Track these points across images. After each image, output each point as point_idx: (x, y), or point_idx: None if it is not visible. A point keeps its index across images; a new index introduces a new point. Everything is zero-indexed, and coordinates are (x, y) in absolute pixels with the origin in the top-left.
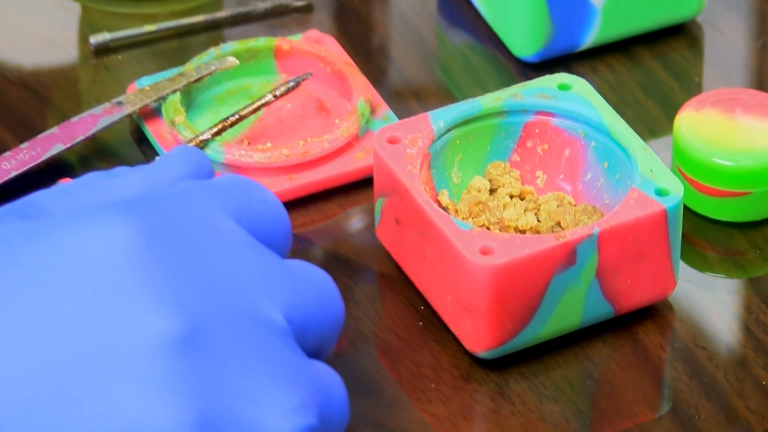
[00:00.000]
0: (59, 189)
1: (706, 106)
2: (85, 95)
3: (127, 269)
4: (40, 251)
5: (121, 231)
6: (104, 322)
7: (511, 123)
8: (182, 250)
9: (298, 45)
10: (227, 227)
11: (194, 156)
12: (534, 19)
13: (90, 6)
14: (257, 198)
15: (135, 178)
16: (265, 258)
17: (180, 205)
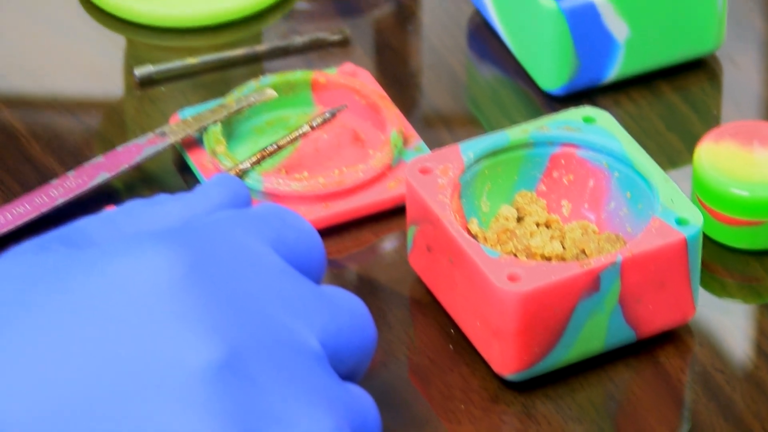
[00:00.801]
0: (103, 216)
1: (724, 139)
2: (130, 125)
3: (170, 298)
4: (87, 280)
5: (163, 261)
6: (148, 349)
7: (538, 154)
8: (222, 278)
9: (334, 78)
10: (265, 255)
11: (232, 184)
12: (560, 54)
13: (135, 39)
14: (293, 226)
15: (176, 206)
16: (301, 285)
17: (220, 235)
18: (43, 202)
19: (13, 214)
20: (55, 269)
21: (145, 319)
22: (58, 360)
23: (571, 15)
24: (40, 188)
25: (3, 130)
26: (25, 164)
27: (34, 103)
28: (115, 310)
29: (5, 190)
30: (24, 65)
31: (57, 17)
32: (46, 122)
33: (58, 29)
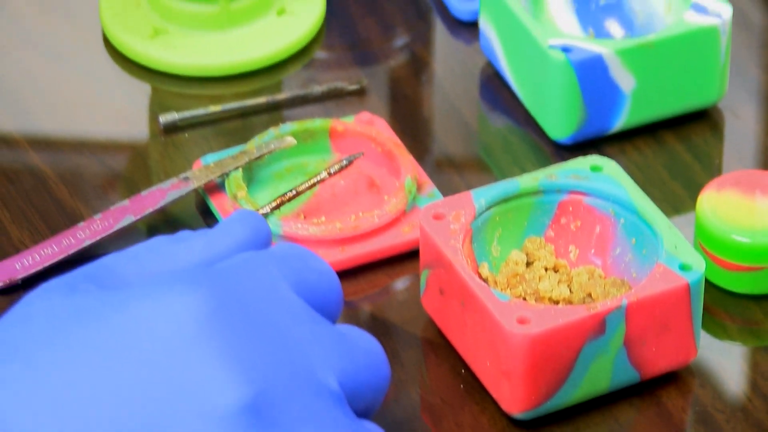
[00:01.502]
0: (129, 253)
1: (726, 187)
2: (155, 170)
3: (196, 339)
4: (114, 321)
5: (188, 303)
6: (176, 389)
7: (547, 201)
8: (246, 318)
9: (351, 126)
10: (286, 296)
11: (253, 220)
12: (568, 104)
13: (160, 87)
14: (313, 267)
15: (198, 243)
16: (321, 326)
17: (243, 276)
18: (71, 243)
19: (42, 255)
20: (82, 309)
21: (171, 360)
22: (86, 399)
23: (580, 67)
24: (67, 230)
25: (32, 173)
26: (53, 206)
27: (63, 147)
28: (142, 351)
29: (34, 232)
30: (53, 110)
31: (85, 64)
32: (74, 166)
33: (86, 76)
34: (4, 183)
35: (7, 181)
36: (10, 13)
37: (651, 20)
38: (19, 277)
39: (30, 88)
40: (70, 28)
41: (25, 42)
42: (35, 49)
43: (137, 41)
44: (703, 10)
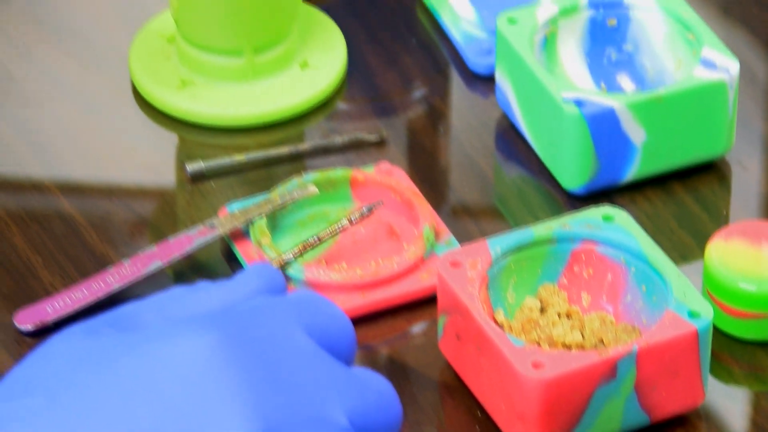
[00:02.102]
0: (150, 301)
1: (733, 237)
2: (182, 217)
3: (211, 377)
4: (132, 361)
5: (204, 343)
6: (190, 425)
7: (560, 250)
8: (259, 359)
9: (371, 176)
10: (299, 339)
11: (268, 272)
12: (581, 156)
13: (187, 137)
14: (326, 312)
15: (217, 292)
16: (332, 366)
17: (258, 319)
18: (100, 287)
19: (72, 298)
20: (102, 351)
21: (186, 397)
22: None
23: (592, 120)
24: (97, 275)
25: (63, 219)
26: (84, 252)
27: (93, 194)
28: (159, 389)
29: (65, 276)
30: (84, 158)
31: (115, 115)
32: (104, 212)
33: (115, 126)
34: (36, 229)
35: (40, 227)
36: (44, 66)
37: (661, 75)
38: (50, 319)
39: (62, 137)
40: (100, 79)
41: (57, 93)
42: (67, 99)
43: (165, 92)
44: (711, 65)
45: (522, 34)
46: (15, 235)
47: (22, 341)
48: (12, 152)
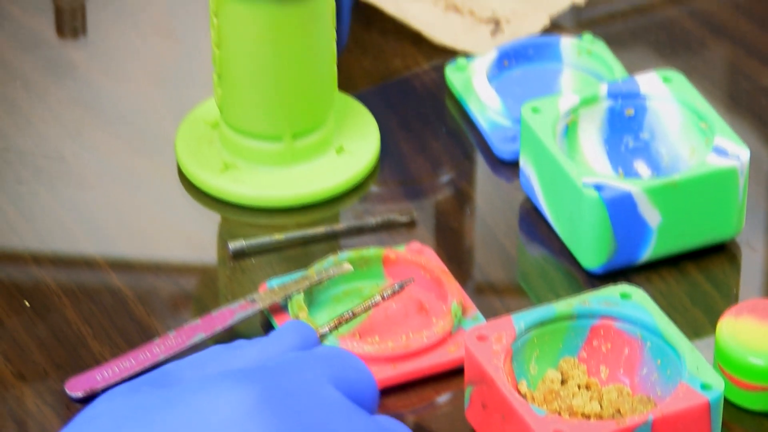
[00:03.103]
0: (188, 360)
1: (743, 314)
2: (224, 292)
3: (246, 426)
4: (171, 414)
5: (238, 395)
6: None
7: (580, 325)
8: (292, 411)
9: (402, 254)
10: (327, 391)
11: (302, 329)
12: (600, 237)
13: (229, 217)
14: (352, 366)
15: (253, 349)
16: (357, 415)
17: (289, 373)
18: (147, 357)
19: (120, 367)
20: (143, 407)
21: None
22: None
23: (611, 204)
24: (144, 345)
25: (112, 293)
26: (131, 324)
27: (140, 270)
28: None
29: (113, 346)
30: (132, 236)
31: (162, 195)
32: (150, 287)
33: (162, 206)
34: (87, 302)
35: (90, 300)
36: (95, 148)
37: (676, 162)
38: (99, 387)
39: (112, 216)
40: (148, 162)
41: (107, 174)
42: (117, 180)
43: (209, 175)
44: (723, 152)
45: (545, 122)
46: (67, 307)
47: (73, 407)
48: (65, 230)
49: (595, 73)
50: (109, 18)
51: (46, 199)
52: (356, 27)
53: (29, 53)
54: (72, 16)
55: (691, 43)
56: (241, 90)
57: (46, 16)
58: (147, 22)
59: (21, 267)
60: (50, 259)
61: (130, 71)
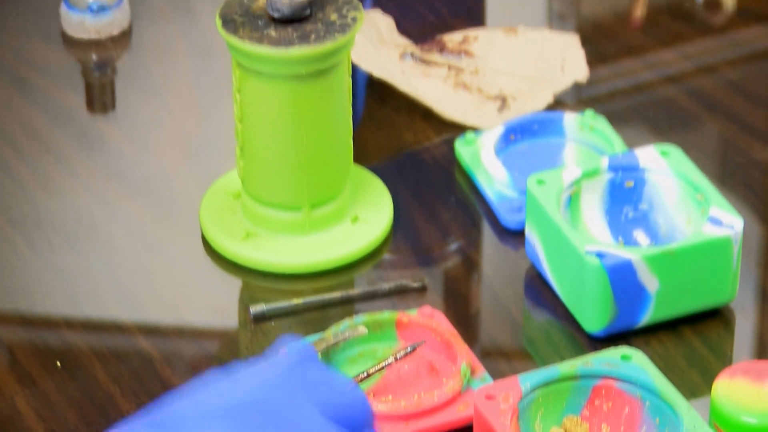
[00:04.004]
0: (188, 393)
1: (737, 375)
2: (245, 354)
3: None
4: None
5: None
6: None
7: (583, 386)
8: None
9: (414, 318)
10: (314, 419)
11: (298, 346)
12: (602, 302)
13: (250, 282)
14: (337, 389)
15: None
16: None
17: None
18: None
19: None
20: None
21: None
22: None
23: (612, 271)
24: None
25: (140, 354)
26: (158, 383)
27: (166, 333)
28: None
29: (140, 405)
30: (157, 300)
31: (186, 261)
32: (175, 348)
33: (187, 272)
34: (115, 363)
35: (118, 361)
36: (124, 216)
37: (673, 231)
38: None
39: (139, 281)
40: (174, 230)
41: (135, 241)
42: (144, 247)
43: (231, 242)
44: (718, 222)
45: (549, 193)
46: (97, 368)
47: None
48: (95, 295)
49: (596, 148)
50: (137, 93)
51: (77, 266)
52: (371, 103)
53: (61, 127)
54: (102, 92)
55: (688, 120)
56: (262, 162)
57: (77, 92)
58: (173, 98)
59: (54, 330)
60: (81, 322)
61: (156, 144)
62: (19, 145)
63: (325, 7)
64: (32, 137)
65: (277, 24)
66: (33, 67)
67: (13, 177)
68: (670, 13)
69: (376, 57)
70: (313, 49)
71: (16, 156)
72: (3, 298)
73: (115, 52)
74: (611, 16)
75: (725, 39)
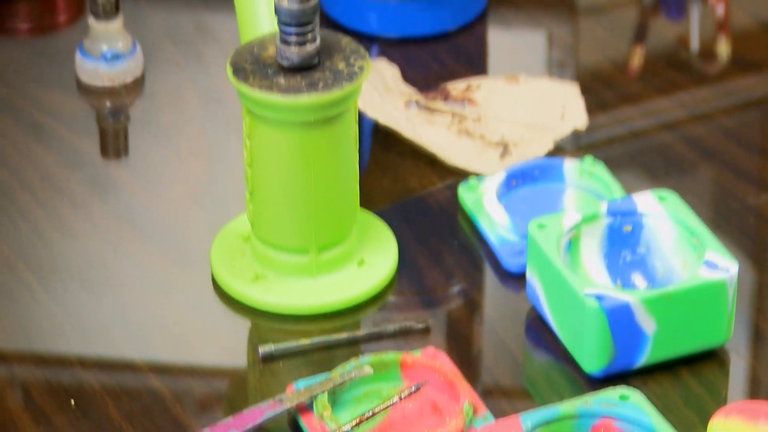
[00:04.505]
0: None
1: (732, 415)
2: (253, 392)
3: None
4: None
5: None
6: None
7: (583, 425)
8: None
9: (418, 359)
10: None
11: None
12: (600, 343)
13: (259, 323)
14: None
15: None
16: None
17: None
18: None
19: None
20: None
21: None
22: None
23: (610, 313)
24: None
25: (151, 393)
26: (168, 422)
27: (176, 372)
28: None
29: None
30: (169, 340)
31: (197, 303)
32: (186, 387)
33: (197, 313)
34: (127, 401)
35: (130, 400)
36: (136, 259)
37: (670, 274)
38: None
39: (151, 321)
40: (185, 272)
41: (147, 283)
42: (156, 289)
43: (241, 284)
44: (714, 266)
45: (550, 238)
46: (110, 406)
47: None
48: (108, 334)
49: (595, 193)
50: (149, 139)
51: (90, 306)
52: (376, 149)
53: (76, 172)
54: (115, 138)
55: (684, 166)
56: (271, 206)
57: (91, 138)
58: (184, 144)
59: (67, 368)
60: (94, 361)
61: (168, 188)
62: (34, 189)
63: (333, 56)
64: (48, 181)
65: (287, 72)
66: (49, 113)
67: (29, 220)
68: (666, 62)
69: (382, 105)
70: (321, 97)
71: (32, 200)
72: (18, 337)
73: (129, 99)
74: (609, 65)
75: (720, 88)
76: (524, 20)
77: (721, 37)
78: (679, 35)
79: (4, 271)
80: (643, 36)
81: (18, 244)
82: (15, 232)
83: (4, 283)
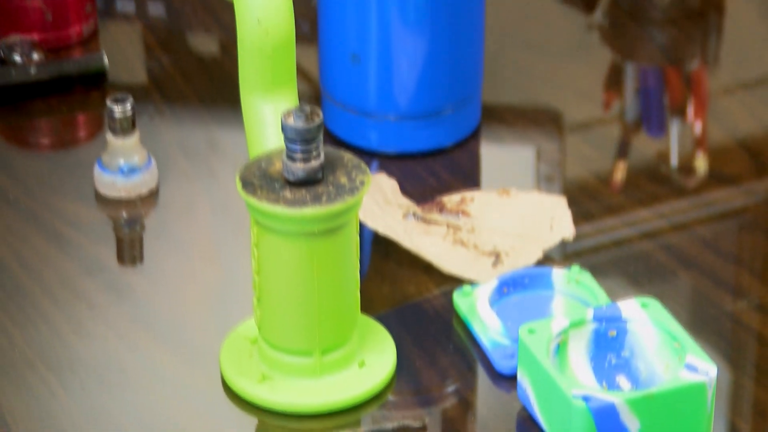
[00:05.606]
0: None
1: None
2: None
3: None
4: None
5: None
6: None
7: None
8: None
9: None
10: None
11: None
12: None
13: (265, 421)
14: None
15: None
16: None
17: None
18: None
19: None
20: None
21: None
22: None
23: (597, 413)
24: None
25: None
26: None
27: None
28: None
29: None
30: None
31: (207, 402)
32: None
33: (207, 411)
34: None
35: None
36: (149, 359)
37: (652, 376)
38: None
39: (164, 420)
40: (196, 373)
41: (161, 384)
42: (169, 389)
43: (248, 384)
44: (694, 369)
45: (539, 342)
46: None
47: None
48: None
49: (582, 300)
50: (163, 248)
51: (106, 404)
52: (376, 258)
53: (94, 278)
54: (131, 246)
55: (664, 273)
56: (278, 311)
57: (108, 246)
58: (196, 252)
59: None
60: None
61: (181, 293)
62: (55, 294)
63: (336, 171)
64: (67, 287)
65: (292, 186)
66: (68, 223)
67: (49, 323)
68: (647, 176)
69: (382, 216)
70: (324, 209)
71: (52, 304)
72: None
73: (144, 209)
74: (594, 178)
75: (698, 200)
76: (515, 137)
77: (699, 152)
78: (660, 151)
79: (26, 370)
80: (626, 151)
81: (38, 345)
82: (36, 333)
83: (25, 381)
